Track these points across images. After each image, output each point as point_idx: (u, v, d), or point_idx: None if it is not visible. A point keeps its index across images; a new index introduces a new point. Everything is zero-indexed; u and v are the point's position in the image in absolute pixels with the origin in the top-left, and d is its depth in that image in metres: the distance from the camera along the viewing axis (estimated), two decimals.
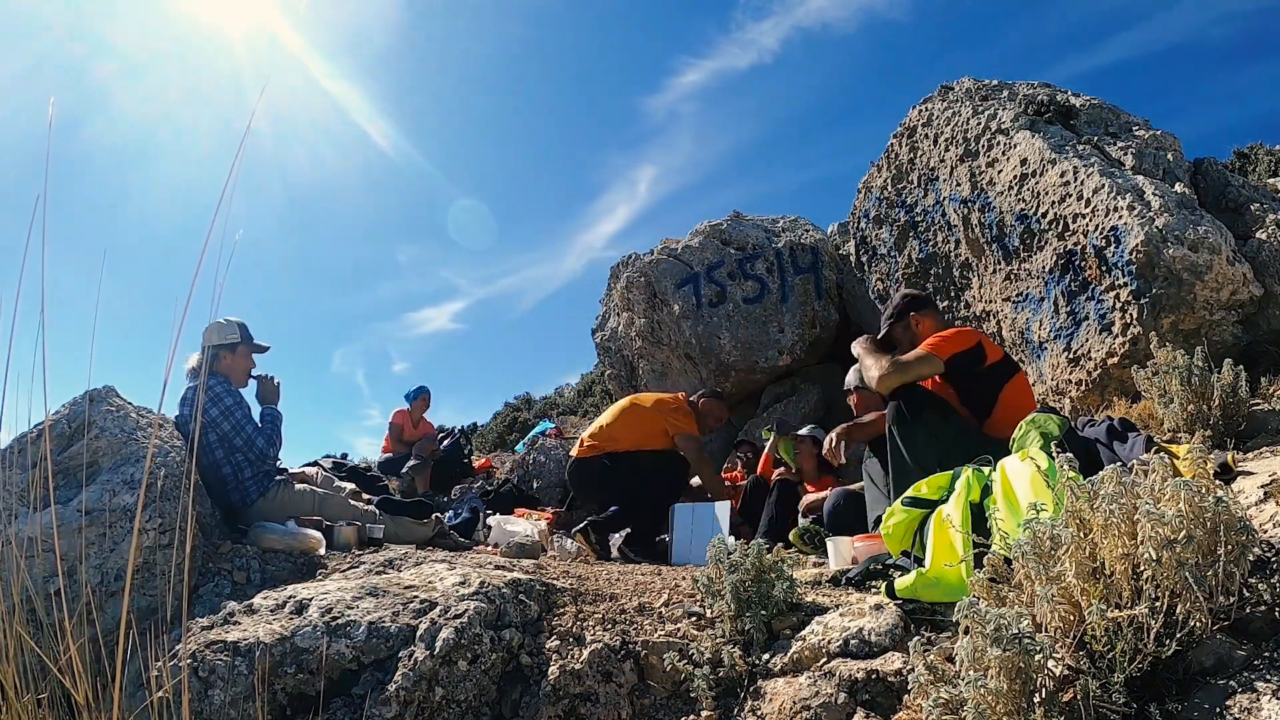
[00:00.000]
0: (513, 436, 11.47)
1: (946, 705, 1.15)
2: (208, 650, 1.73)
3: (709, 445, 6.65)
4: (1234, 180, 3.66)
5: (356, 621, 1.83)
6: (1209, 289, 3.04)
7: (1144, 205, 3.18)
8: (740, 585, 1.78)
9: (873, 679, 1.47)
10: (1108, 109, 3.98)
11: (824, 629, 1.65)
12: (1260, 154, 6.95)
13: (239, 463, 3.03)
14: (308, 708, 1.69)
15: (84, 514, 2.18)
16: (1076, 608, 1.17)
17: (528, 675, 1.77)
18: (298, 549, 2.60)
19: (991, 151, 4.05)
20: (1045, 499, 1.44)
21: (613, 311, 7.39)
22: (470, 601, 1.88)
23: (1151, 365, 2.66)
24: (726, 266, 6.37)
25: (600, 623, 1.90)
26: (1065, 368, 3.64)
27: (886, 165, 5.05)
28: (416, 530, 3.33)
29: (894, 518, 1.98)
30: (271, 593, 2.06)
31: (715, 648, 1.70)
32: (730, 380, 6.28)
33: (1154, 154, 3.58)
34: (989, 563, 1.31)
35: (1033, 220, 3.73)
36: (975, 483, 1.83)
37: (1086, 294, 3.46)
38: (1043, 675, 1.09)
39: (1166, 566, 1.10)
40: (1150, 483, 1.23)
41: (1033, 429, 2.01)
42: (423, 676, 1.69)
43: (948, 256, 4.52)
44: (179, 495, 2.40)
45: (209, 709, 1.64)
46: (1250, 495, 1.63)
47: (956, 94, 4.50)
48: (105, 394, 2.71)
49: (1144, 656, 1.10)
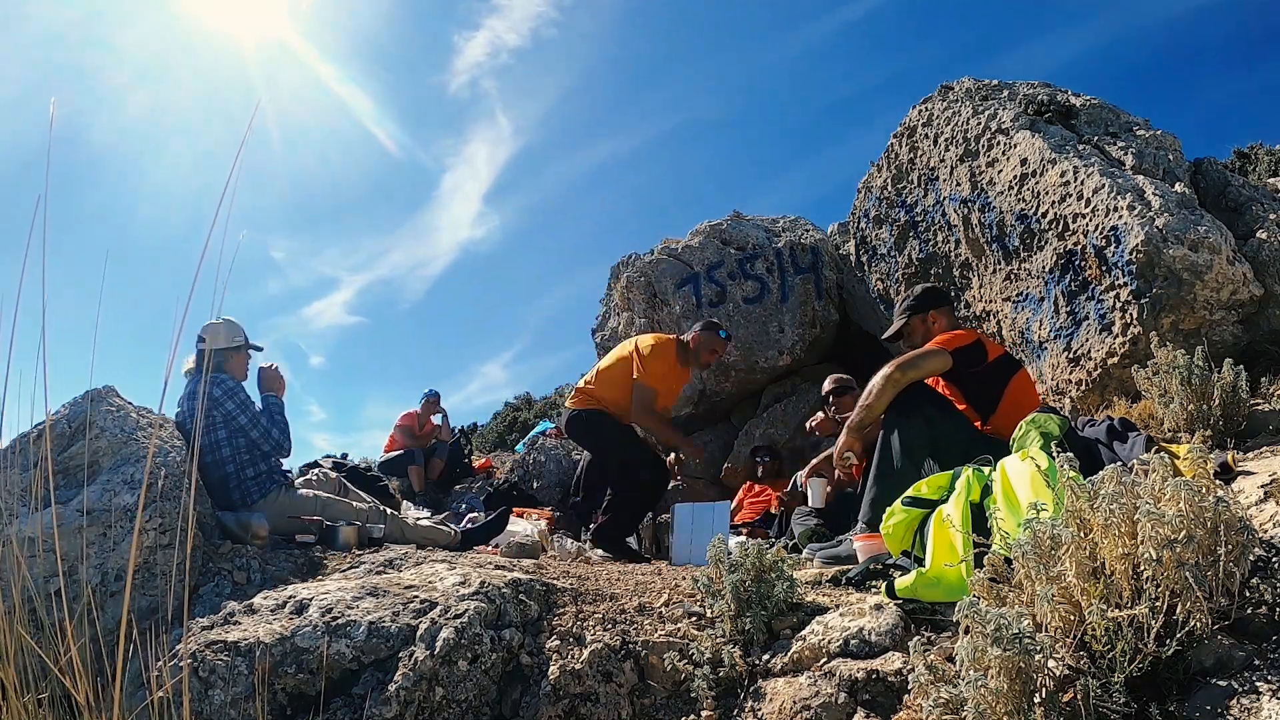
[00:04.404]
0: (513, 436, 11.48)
1: (947, 705, 1.15)
2: (208, 650, 1.73)
3: (709, 446, 6.66)
4: (1234, 180, 3.66)
5: (357, 621, 1.83)
6: (1209, 289, 3.04)
7: (1144, 205, 3.18)
8: (740, 585, 1.78)
9: (873, 679, 1.47)
10: (1108, 109, 3.98)
11: (824, 629, 1.65)
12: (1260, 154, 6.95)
13: (243, 461, 3.02)
14: (308, 708, 1.69)
15: (84, 514, 2.18)
16: (1077, 608, 1.17)
17: (528, 675, 1.77)
18: (244, 535, 2.70)
19: (991, 151, 4.05)
20: (1045, 499, 1.44)
21: (613, 311, 7.39)
22: (470, 601, 1.88)
23: (1151, 365, 2.66)
24: (726, 266, 6.37)
25: (600, 623, 1.90)
26: (1065, 368, 3.64)
27: (886, 165, 5.05)
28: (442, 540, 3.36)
29: (894, 518, 1.97)
30: (272, 593, 2.06)
31: (715, 648, 1.70)
32: (730, 380, 6.28)
33: (1154, 154, 3.58)
34: (989, 562, 1.31)
35: (1033, 220, 3.73)
36: (975, 482, 1.83)
37: (1086, 294, 3.46)
38: (1043, 675, 1.09)
39: (1167, 566, 1.10)
40: (1150, 483, 1.23)
41: (1033, 429, 2.01)
42: (423, 676, 1.69)
43: (948, 256, 4.52)
44: (179, 495, 2.40)
45: (209, 709, 1.64)
46: (1250, 495, 1.63)
47: (956, 94, 4.50)
48: (105, 394, 2.71)
49: (1144, 656, 1.10)
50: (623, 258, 7.46)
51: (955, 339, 2.62)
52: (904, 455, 2.34)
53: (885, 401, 2.44)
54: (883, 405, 2.45)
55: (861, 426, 2.51)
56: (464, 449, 7.59)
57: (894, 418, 2.43)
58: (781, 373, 6.34)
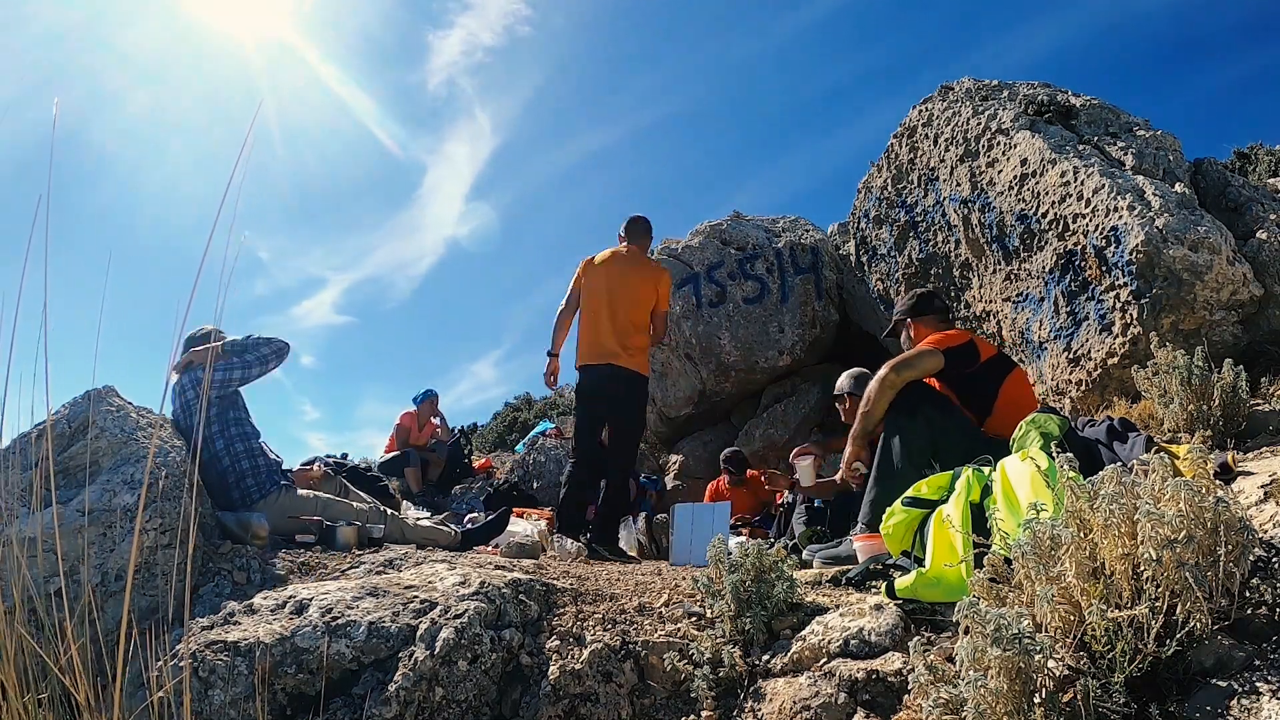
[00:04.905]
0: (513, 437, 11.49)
1: (946, 705, 1.15)
2: (208, 650, 1.73)
3: (710, 445, 6.67)
4: (1234, 180, 3.66)
5: (357, 621, 1.82)
6: (1209, 289, 3.04)
7: (1144, 205, 3.18)
8: (740, 585, 1.78)
9: (873, 679, 1.47)
10: (1108, 109, 3.98)
11: (824, 629, 1.65)
12: (1260, 154, 6.95)
13: (238, 452, 3.01)
14: (308, 708, 1.69)
15: (84, 514, 2.18)
16: (1076, 608, 1.17)
17: (528, 675, 1.77)
18: (244, 535, 2.70)
19: (991, 151, 4.05)
20: (1045, 499, 1.44)
21: None
22: (470, 601, 1.88)
23: (1151, 365, 2.66)
24: (726, 267, 6.37)
25: (600, 623, 1.90)
26: (1065, 368, 3.64)
27: (886, 165, 5.05)
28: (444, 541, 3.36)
29: (894, 518, 1.98)
30: (272, 593, 2.06)
31: (715, 648, 1.70)
32: (730, 380, 6.28)
33: (1154, 154, 3.58)
34: (989, 563, 1.31)
35: (1033, 220, 3.73)
36: (975, 483, 1.83)
37: (1086, 294, 3.46)
38: (1043, 675, 1.09)
39: (1167, 567, 1.10)
40: (1150, 483, 1.23)
41: (1033, 429, 2.01)
42: (423, 676, 1.69)
43: (948, 256, 4.52)
44: (180, 495, 2.40)
45: (209, 709, 1.64)
46: (1250, 495, 1.63)
47: (956, 94, 4.50)
48: (105, 394, 2.71)
49: (1144, 657, 1.10)
50: None
51: (947, 339, 2.62)
52: (904, 456, 2.34)
53: (884, 405, 2.45)
54: (882, 409, 2.46)
55: (864, 434, 2.54)
56: (464, 449, 7.59)
57: (894, 418, 2.43)
58: (781, 373, 6.34)
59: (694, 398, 6.46)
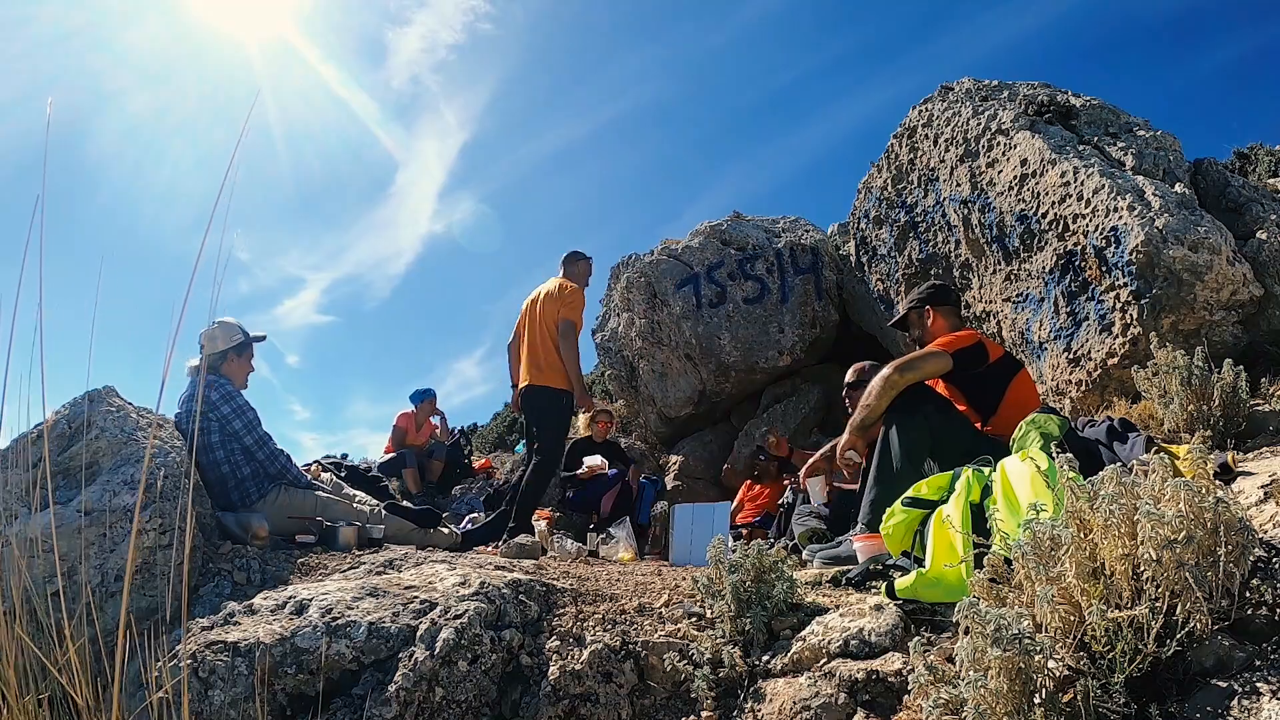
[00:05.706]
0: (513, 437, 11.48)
1: (946, 705, 1.15)
2: (208, 651, 1.73)
3: (710, 445, 6.66)
4: (1234, 180, 3.66)
5: (357, 622, 1.82)
6: (1209, 289, 3.04)
7: (1144, 205, 3.18)
8: (740, 585, 1.78)
9: (873, 679, 1.47)
10: (1108, 109, 3.98)
11: (824, 629, 1.65)
12: (1260, 154, 6.94)
13: (238, 461, 3.02)
14: (308, 708, 1.69)
15: (84, 514, 2.18)
16: (1076, 608, 1.16)
17: (528, 675, 1.77)
18: (244, 535, 2.70)
19: (991, 152, 4.05)
20: (1045, 499, 1.43)
21: (613, 312, 7.40)
22: (470, 602, 1.88)
23: (1151, 365, 2.66)
24: (726, 267, 6.37)
25: (600, 623, 1.90)
26: (1065, 368, 3.64)
27: (886, 165, 5.05)
28: (444, 541, 3.37)
29: (894, 518, 1.97)
30: (272, 593, 2.06)
31: (715, 648, 1.70)
32: (730, 380, 6.28)
33: (1154, 154, 3.58)
34: (989, 563, 1.31)
35: (1033, 220, 3.73)
36: (975, 483, 1.83)
37: (1086, 294, 3.46)
38: (1043, 675, 1.09)
39: (1166, 567, 1.10)
40: (1150, 483, 1.23)
41: (1033, 429, 2.01)
42: (423, 677, 1.69)
43: (948, 257, 4.51)
44: (179, 495, 2.40)
45: (209, 709, 1.64)
46: (1250, 495, 1.63)
47: (956, 94, 4.50)
48: (105, 394, 2.71)
49: (1144, 657, 1.10)
50: (622, 258, 7.47)
51: (957, 340, 2.62)
52: (904, 456, 2.34)
53: (885, 402, 2.45)
54: (883, 406, 2.46)
55: (863, 426, 2.52)
56: (464, 450, 7.59)
57: (894, 418, 2.43)
58: (781, 373, 6.34)
59: (694, 398, 6.45)
